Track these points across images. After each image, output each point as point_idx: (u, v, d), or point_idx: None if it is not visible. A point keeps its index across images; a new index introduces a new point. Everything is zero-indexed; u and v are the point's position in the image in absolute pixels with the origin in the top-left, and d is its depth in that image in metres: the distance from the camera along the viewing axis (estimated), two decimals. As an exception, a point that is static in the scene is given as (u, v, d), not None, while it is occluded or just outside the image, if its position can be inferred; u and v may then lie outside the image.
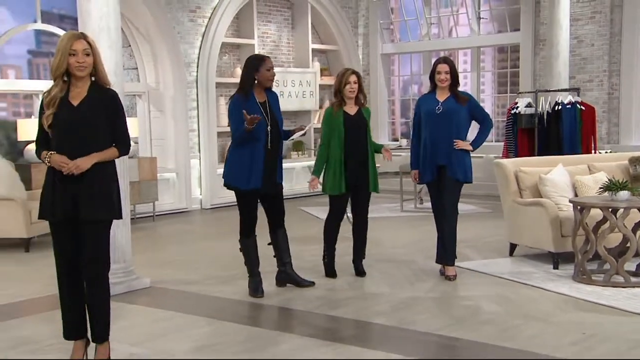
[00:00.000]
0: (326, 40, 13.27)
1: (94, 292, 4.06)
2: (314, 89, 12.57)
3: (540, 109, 9.75)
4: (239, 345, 4.61)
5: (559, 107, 9.53)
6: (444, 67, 6.07)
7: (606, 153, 9.28)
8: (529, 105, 9.77)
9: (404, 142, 12.48)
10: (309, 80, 12.51)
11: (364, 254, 6.43)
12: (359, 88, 6.20)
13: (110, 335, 4.19)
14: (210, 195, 11.14)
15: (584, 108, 9.55)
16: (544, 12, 11.29)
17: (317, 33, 13.22)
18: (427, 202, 9.28)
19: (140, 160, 9.88)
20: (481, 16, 12.76)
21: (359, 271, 6.37)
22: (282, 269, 6.04)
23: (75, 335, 4.20)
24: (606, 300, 5.39)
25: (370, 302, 5.60)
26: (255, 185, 5.59)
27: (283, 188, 5.93)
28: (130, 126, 8.91)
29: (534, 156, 9.08)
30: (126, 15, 10.03)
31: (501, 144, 10.67)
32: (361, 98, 6.25)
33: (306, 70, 12.55)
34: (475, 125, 6.29)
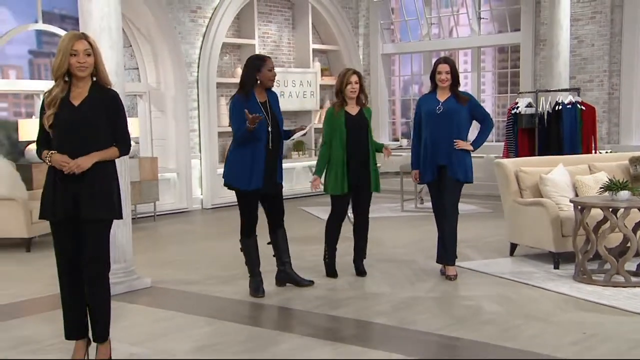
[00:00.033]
0: (327, 41, 13.27)
1: (94, 292, 4.06)
2: (314, 89, 12.57)
3: (540, 109, 9.75)
4: (240, 345, 4.61)
5: (560, 107, 9.53)
6: (444, 67, 6.07)
7: (606, 153, 9.28)
8: (529, 105, 9.77)
9: (404, 142, 12.49)
10: (310, 81, 12.51)
11: (364, 254, 6.44)
12: (360, 88, 6.20)
13: (110, 334, 4.19)
14: (211, 195, 11.15)
15: (585, 108, 9.55)
16: (545, 12, 11.29)
17: (318, 33, 13.22)
18: (428, 202, 9.28)
19: (141, 160, 9.89)
20: (481, 16, 12.76)
21: (360, 271, 6.37)
22: (282, 269, 6.05)
23: (77, 335, 4.20)
24: (607, 300, 5.40)
25: (371, 302, 5.60)
26: (257, 185, 5.59)
27: (283, 188, 5.95)
28: (131, 126, 8.94)
29: (534, 156, 9.08)
30: (127, 15, 10.04)
31: (501, 144, 10.67)
32: (362, 98, 6.25)
33: (307, 71, 12.55)
34: (476, 125, 6.30)
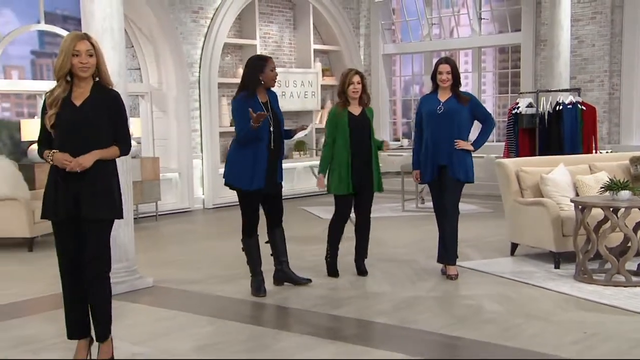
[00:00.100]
0: (328, 41, 13.28)
1: (95, 291, 4.07)
2: (315, 90, 12.57)
3: (541, 109, 9.76)
4: (241, 344, 4.62)
5: (560, 107, 9.53)
6: (445, 68, 6.08)
7: (607, 153, 9.29)
8: (530, 105, 9.78)
9: (405, 142, 12.51)
10: (311, 81, 12.52)
11: (366, 254, 6.44)
12: (362, 88, 6.21)
13: (112, 334, 4.20)
14: (213, 195, 11.16)
15: (585, 108, 9.56)
16: (545, 13, 11.31)
17: (319, 33, 13.23)
18: (429, 202, 9.29)
19: (143, 160, 9.91)
20: (482, 17, 12.78)
21: (361, 270, 6.38)
22: (279, 268, 6.06)
23: (79, 335, 4.21)
24: (607, 300, 5.40)
25: (372, 301, 5.61)
26: (259, 185, 5.61)
27: (282, 188, 5.96)
28: (133, 126, 9.05)
29: (535, 156, 9.09)
30: (129, 16, 10.06)
31: (502, 144, 10.68)
32: (365, 98, 6.26)
33: (308, 71, 12.55)
34: (477, 125, 6.31)
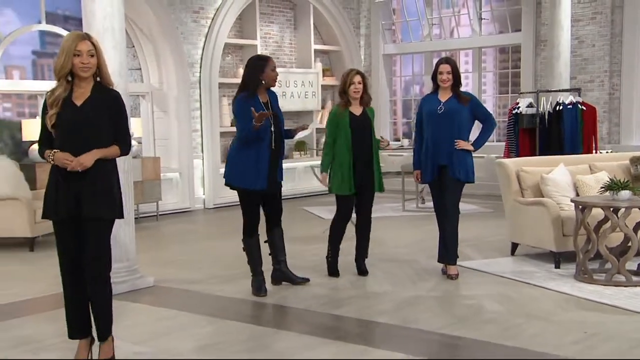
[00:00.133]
0: (328, 41, 13.29)
1: (96, 290, 4.08)
2: (316, 90, 12.57)
3: (541, 109, 9.77)
4: (242, 344, 4.63)
5: (560, 107, 9.54)
6: (445, 68, 6.09)
7: (607, 153, 9.29)
8: (530, 105, 9.78)
9: (405, 142, 12.51)
10: (311, 81, 12.52)
11: (366, 253, 6.45)
12: (363, 88, 6.22)
13: (113, 333, 4.20)
14: (213, 195, 11.17)
15: (585, 108, 9.56)
16: (545, 13, 11.31)
17: (320, 34, 13.24)
18: (429, 202, 9.30)
19: (144, 160, 9.91)
20: (482, 17, 12.78)
21: (362, 270, 6.39)
22: (277, 267, 6.07)
23: (80, 334, 4.21)
24: (608, 300, 5.41)
25: (373, 301, 5.62)
26: (262, 185, 5.61)
27: (282, 187, 5.97)
28: (133, 126, 9.05)
29: (535, 156, 9.09)
30: (130, 15, 10.06)
31: (502, 144, 10.68)
32: (366, 98, 6.25)
33: (308, 71, 12.56)
34: (478, 125, 6.31)
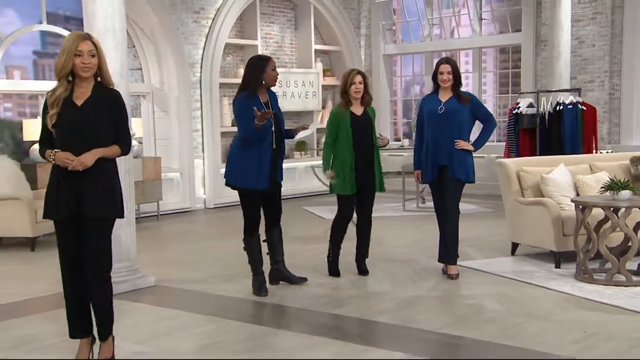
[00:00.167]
0: (329, 41, 13.30)
1: (96, 290, 4.08)
2: (316, 90, 12.58)
3: (541, 109, 9.77)
4: (243, 343, 4.63)
5: (561, 108, 9.55)
6: (446, 68, 6.10)
7: (607, 153, 9.30)
8: (530, 105, 9.79)
9: (406, 142, 12.51)
10: (312, 81, 12.53)
11: (367, 253, 6.46)
12: (364, 88, 6.22)
13: (114, 333, 4.21)
14: (214, 194, 11.18)
15: (585, 108, 9.57)
16: (545, 13, 11.32)
17: (320, 34, 13.24)
18: (429, 202, 9.30)
19: (145, 160, 9.92)
20: (483, 17, 12.79)
21: (362, 270, 6.39)
22: (275, 267, 6.08)
23: (81, 334, 4.22)
24: (608, 299, 5.42)
25: (374, 301, 5.63)
26: (264, 185, 5.62)
27: (282, 187, 5.98)
28: (134, 126, 9.06)
29: (535, 156, 9.10)
30: (130, 16, 10.07)
31: (503, 144, 10.68)
32: (367, 98, 6.25)
33: (309, 71, 12.57)
34: (479, 124, 6.31)
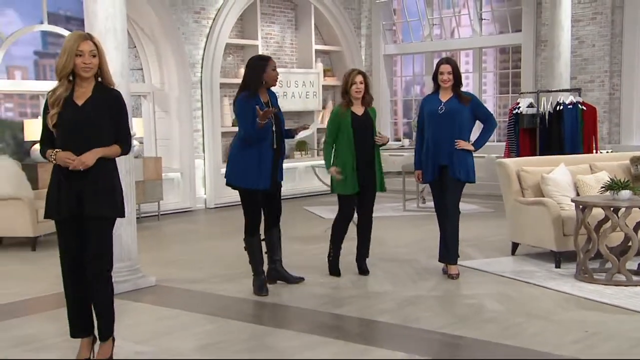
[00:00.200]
0: (329, 41, 13.30)
1: (97, 289, 4.09)
2: (317, 90, 12.58)
3: (541, 109, 9.78)
4: (243, 343, 4.64)
5: (561, 108, 9.55)
6: (446, 68, 6.10)
7: (607, 153, 9.31)
8: (530, 105, 9.79)
9: (406, 142, 12.53)
10: (312, 81, 12.54)
11: (367, 253, 6.46)
12: (365, 88, 6.22)
13: (115, 333, 4.21)
14: (214, 194, 11.19)
15: (585, 108, 9.58)
16: (546, 13, 11.32)
17: (320, 34, 13.25)
18: (430, 202, 9.31)
19: (145, 160, 9.93)
20: (483, 17, 12.79)
21: (363, 270, 6.40)
22: (272, 266, 6.09)
23: (82, 333, 4.23)
24: (608, 299, 5.42)
25: (374, 301, 5.63)
26: (265, 185, 5.63)
27: (282, 187, 5.99)
28: (135, 126, 9.06)
29: (535, 156, 9.10)
30: (131, 16, 10.07)
31: (503, 144, 10.69)
32: (367, 98, 6.26)
33: (309, 71, 12.58)
34: (479, 124, 6.32)
